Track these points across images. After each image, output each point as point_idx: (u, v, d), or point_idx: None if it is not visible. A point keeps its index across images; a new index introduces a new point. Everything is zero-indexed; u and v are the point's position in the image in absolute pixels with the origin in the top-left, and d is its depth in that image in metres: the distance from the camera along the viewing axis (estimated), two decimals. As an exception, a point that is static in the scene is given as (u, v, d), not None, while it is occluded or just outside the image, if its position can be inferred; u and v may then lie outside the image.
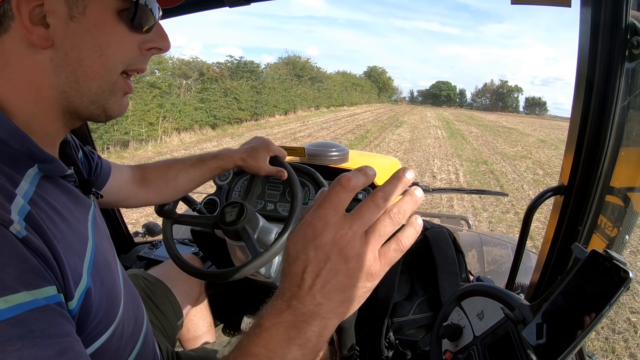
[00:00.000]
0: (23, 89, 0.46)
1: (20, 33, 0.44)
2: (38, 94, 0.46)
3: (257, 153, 0.96)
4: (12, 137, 0.43)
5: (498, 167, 8.88)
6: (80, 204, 0.53)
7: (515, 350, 0.66)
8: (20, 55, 0.45)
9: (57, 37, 0.45)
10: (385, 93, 64.79)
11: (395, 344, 1.21)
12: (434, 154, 10.33)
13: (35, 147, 0.45)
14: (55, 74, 0.46)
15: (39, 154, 0.45)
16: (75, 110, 0.50)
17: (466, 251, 1.76)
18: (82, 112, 0.51)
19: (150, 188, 0.94)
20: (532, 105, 75.98)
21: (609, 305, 0.52)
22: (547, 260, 0.82)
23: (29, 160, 0.45)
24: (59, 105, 0.48)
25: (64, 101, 0.48)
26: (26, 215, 0.39)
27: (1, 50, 0.45)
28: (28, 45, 0.44)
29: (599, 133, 0.68)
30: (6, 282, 0.33)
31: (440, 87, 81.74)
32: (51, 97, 0.47)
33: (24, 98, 0.46)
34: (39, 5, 0.43)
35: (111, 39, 0.48)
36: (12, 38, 0.44)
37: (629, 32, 0.61)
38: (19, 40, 0.44)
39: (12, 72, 0.45)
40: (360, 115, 23.64)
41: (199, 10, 1.10)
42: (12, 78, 0.45)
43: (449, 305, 0.86)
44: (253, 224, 1.00)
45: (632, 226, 0.73)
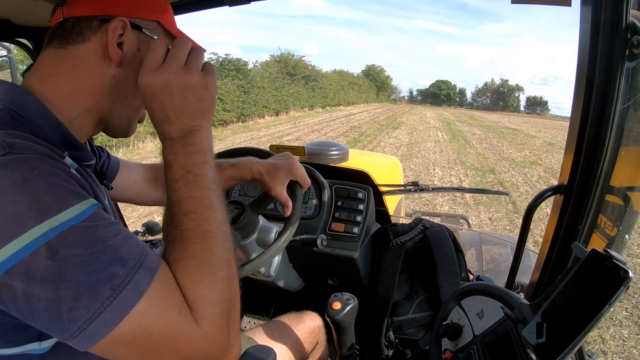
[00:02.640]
0: (80, 91, 0.55)
1: (96, 47, 0.55)
2: (91, 98, 0.56)
3: (276, 172, 0.89)
4: (49, 125, 0.52)
5: (507, 177, 8.05)
6: (99, 190, 0.59)
7: (515, 350, 0.67)
8: (89, 64, 0.55)
9: (125, 61, 0.56)
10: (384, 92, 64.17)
11: (395, 343, 1.22)
12: (435, 160, 9.50)
13: (69, 135, 0.54)
14: (112, 88, 0.57)
15: (72, 141, 0.54)
16: (109, 120, 0.60)
17: (465, 250, 1.76)
18: (114, 123, 0.61)
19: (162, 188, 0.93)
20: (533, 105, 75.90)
21: (609, 304, 0.52)
22: (547, 259, 0.82)
23: (62, 147, 0.53)
24: (102, 112, 0.59)
25: (107, 110, 0.59)
26: (76, 170, 0.51)
27: (75, 56, 0.55)
28: (100, 58, 0.55)
29: (599, 132, 0.68)
30: (81, 192, 0.45)
31: (440, 86, 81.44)
32: (99, 104, 0.57)
33: (76, 99, 0.55)
34: (121, 34, 0.55)
35: None
36: (87, 49, 0.55)
37: (629, 31, 0.61)
38: (94, 53, 0.55)
39: (77, 77, 0.55)
40: (357, 116, 22.97)
41: (200, 9, 1.10)
42: (74, 81, 0.55)
43: (448, 304, 0.86)
44: (247, 231, 0.97)
45: (632, 226, 0.73)
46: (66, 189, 0.43)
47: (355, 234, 1.21)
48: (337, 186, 1.28)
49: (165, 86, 0.52)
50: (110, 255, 0.41)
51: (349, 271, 1.25)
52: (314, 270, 1.36)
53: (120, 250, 0.42)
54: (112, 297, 0.40)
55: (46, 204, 0.40)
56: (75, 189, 0.44)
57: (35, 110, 0.51)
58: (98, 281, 0.40)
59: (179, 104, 0.52)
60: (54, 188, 0.42)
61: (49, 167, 0.44)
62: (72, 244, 0.40)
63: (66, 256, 0.39)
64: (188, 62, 0.54)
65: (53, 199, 0.41)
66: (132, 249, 0.44)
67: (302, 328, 1.09)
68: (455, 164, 9.12)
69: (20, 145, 0.44)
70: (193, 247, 0.49)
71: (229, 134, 13.10)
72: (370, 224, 1.29)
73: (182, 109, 0.52)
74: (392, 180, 2.15)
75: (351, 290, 1.02)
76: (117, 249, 0.42)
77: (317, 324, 1.15)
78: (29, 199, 0.40)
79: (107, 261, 0.41)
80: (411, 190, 1.77)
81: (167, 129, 0.53)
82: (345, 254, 1.18)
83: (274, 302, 1.63)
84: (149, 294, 0.42)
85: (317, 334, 1.14)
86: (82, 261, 0.40)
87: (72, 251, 0.40)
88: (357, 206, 1.24)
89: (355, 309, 0.95)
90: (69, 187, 0.44)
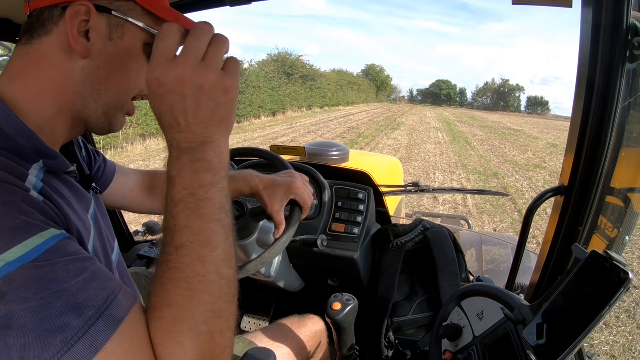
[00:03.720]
0: (47, 89, 0.50)
1: (60, 39, 0.49)
2: (59, 96, 0.50)
3: (275, 189, 0.85)
4: (19, 134, 0.46)
5: (511, 182, 7.61)
6: (81, 198, 0.56)
7: (515, 351, 0.67)
8: (54, 59, 0.49)
9: (94, 51, 0.50)
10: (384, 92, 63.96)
11: (395, 344, 1.22)
12: (435, 163, 9.06)
13: (41, 144, 0.48)
14: (82, 82, 0.51)
15: (44, 150, 0.48)
16: (85, 118, 0.54)
17: (465, 250, 1.76)
18: (91, 121, 0.55)
19: (158, 197, 0.91)
20: (534, 105, 75.85)
21: (609, 305, 0.52)
22: (547, 260, 0.82)
23: (34, 155, 0.47)
24: (74, 110, 0.52)
25: (80, 107, 0.52)
26: (39, 190, 0.44)
27: (38, 50, 0.49)
28: (65, 51, 0.49)
29: (599, 133, 0.68)
30: (36, 223, 0.39)
31: (440, 86, 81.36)
32: (70, 101, 0.51)
33: (45, 99, 0.50)
34: (86, 20, 0.48)
35: (135, 65, 0.54)
36: (50, 42, 0.49)
37: (629, 32, 0.61)
38: (57, 46, 0.49)
39: (42, 73, 0.49)
40: (355, 116, 22.45)
41: (200, 9, 1.10)
42: (39, 78, 0.49)
43: (448, 305, 0.86)
44: (244, 232, 0.97)
45: (632, 227, 0.73)
46: (14, 222, 0.37)
47: (355, 234, 1.21)
48: (338, 186, 1.28)
49: (177, 85, 0.43)
50: (65, 301, 0.36)
51: (349, 271, 1.25)
52: (314, 271, 1.36)
53: (79, 294, 0.37)
54: (62, 350, 0.35)
55: None
56: (28, 220, 0.38)
57: (2, 118, 0.46)
58: (48, 331, 0.35)
59: (190, 108, 0.44)
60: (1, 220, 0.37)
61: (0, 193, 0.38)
62: (20, 286, 0.35)
63: (13, 301, 0.34)
64: (207, 57, 0.45)
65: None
66: (94, 293, 0.38)
67: (304, 331, 1.09)
68: (457, 167, 8.77)
69: None
70: (174, 293, 0.42)
71: None
72: (371, 225, 1.29)
73: (194, 114, 0.44)
74: (392, 180, 2.15)
75: (351, 290, 1.02)
76: (76, 293, 0.37)
77: (319, 327, 1.14)
78: None
79: (60, 308, 0.36)
80: (411, 191, 1.77)
81: (175, 136, 0.45)
82: (345, 254, 1.18)
83: (274, 303, 1.63)
84: (106, 350, 0.37)
85: (319, 337, 1.14)
86: (32, 307, 0.35)
87: (19, 294, 0.35)
88: (358, 206, 1.24)
89: (355, 310, 0.95)
90: (19, 218, 0.38)
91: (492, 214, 5.42)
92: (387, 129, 16.47)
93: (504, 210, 5.62)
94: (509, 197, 6.15)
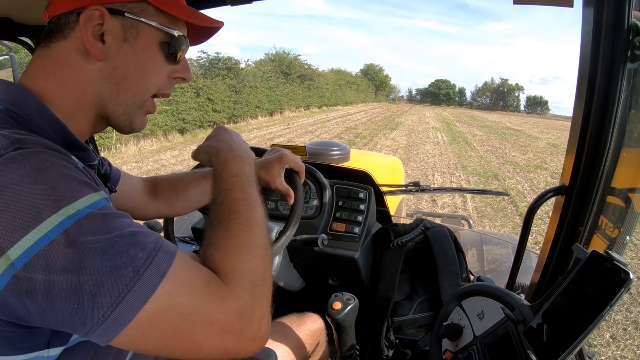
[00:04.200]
0: (69, 90, 0.53)
1: (77, 43, 0.52)
2: (81, 97, 0.54)
3: (270, 166, 0.92)
4: (50, 125, 0.50)
5: (512, 183, 7.49)
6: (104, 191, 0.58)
7: (515, 351, 0.67)
8: (73, 61, 0.53)
9: (110, 53, 0.53)
10: (383, 92, 63.41)
11: (396, 343, 1.22)
12: (434, 165, 8.94)
13: (70, 136, 0.52)
14: (100, 83, 0.54)
15: (74, 142, 0.53)
16: (106, 116, 0.58)
17: (466, 250, 1.76)
18: (112, 120, 0.59)
19: (161, 199, 0.93)
20: (533, 105, 75.74)
21: (610, 305, 0.52)
22: (547, 260, 0.82)
23: (64, 147, 0.50)
24: (96, 109, 0.56)
25: (100, 107, 0.56)
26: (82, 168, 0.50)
27: (57, 54, 0.53)
28: (83, 54, 0.52)
29: (600, 134, 0.68)
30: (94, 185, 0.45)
31: (439, 86, 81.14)
32: (91, 102, 0.55)
33: (68, 98, 0.53)
34: (100, 24, 0.52)
35: (152, 64, 0.57)
36: (68, 46, 0.52)
37: (631, 32, 0.61)
38: (75, 49, 0.52)
39: (63, 75, 0.53)
40: (354, 116, 22.28)
41: (202, 8, 1.10)
42: (62, 80, 0.53)
43: (449, 304, 0.86)
44: None
45: (633, 227, 0.73)
46: (79, 179, 0.43)
47: (356, 234, 1.21)
48: (338, 186, 1.28)
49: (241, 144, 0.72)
50: (129, 240, 0.41)
51: (350, 271, 1.25)
52: (314, 270, 1.36)
53: (137, 236, 0.43)
54: (135, 278, 0.40)
55: (61, 192, 0.40)
56: (87, 180, 0.44)
57: (35, 109, 0.50)
58: (119, 264, 0.40)
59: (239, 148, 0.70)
60: (67, 178, 0.42)
61: (59, 160, 0.44)
62: (90, 230, 0.40)
63: (85, 243, 0.39)
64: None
65: (68, 187, 0.41)
66: (148, 235, 0.44)
67: (303, 330, 1.09)
68: (456, 169, 8.66)
69: (29, 140, 0.43)
70: (237, 228, 0.53)
71: None
72: (371, 224, 1.29)
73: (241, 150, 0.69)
74: (393, 180, 2.15)
75: (352, 290, 1.03)
76: (134, 235, 0.43)
77: (318, 325, 1.15)
78: (43, 188, 0.39)
79: (126, 245, 0.41)
80: (412, 191, 1.77)
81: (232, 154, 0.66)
82: (346, 253, 1.18)
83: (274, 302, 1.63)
84: (173, 272, 0.42)
85: (318, 335, 1.14)
86: (102, 246, 0.39)
87: (91, 237, 0.39)
88: (358, 206, 1.24)
89: (356, 309, 0.95)
90: (81, 177, 0.44)
91: (493, 218, 5.34)
92: (386, 129, 16.30)
93: (505, 214, 5.53)
94: (510, 200, 6.06)
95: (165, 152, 9.34)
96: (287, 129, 14.66)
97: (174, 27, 0.57)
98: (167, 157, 8.77)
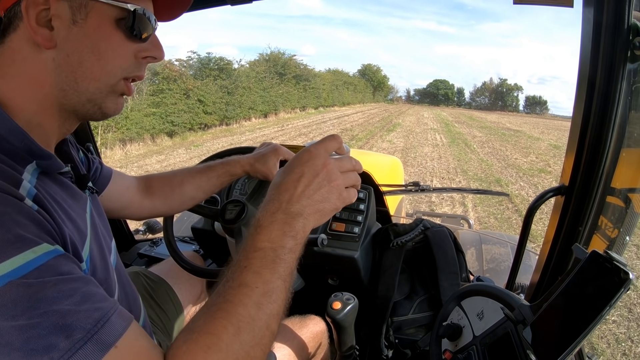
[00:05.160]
0: (26, 86, 0.49)
1: (27, 33, 0.47)
2: (39, 92, 0.49)
3: (265, 158, 0.93)
4: (12, 135, 0.46)
5: (516, 189, 7.02)
6: (77, 198, 0.55)
7: (515, 351, 0.67)
8: (25, 54, 0.48)
9: (60, 39, 0.48)
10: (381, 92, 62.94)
11: (395, 343, 1.22)
12: (433, 169, 8.49)
13: (33, 144, 0.47)
14: (56, 73, 0.49)
15: (38, 151, 0.48)
16: (72, 109, 0.52)
17: (466, 250, 1.76)
18: (79, 110, 0.53)
19: (156, 196, 0.92)
20: (532, 105, 75.71)
21: (609, 306, 0.52)
22: (547, 260, 0.82)
23: (27, 156, 0.47)
24: (57, 103, 0.51)
25: (62, 99, 0.51)
26: (34, 197, 0.43)
27: (9, 48, 0.48)
28: (33, 45, 0.48)
29: (600, 134, 0.68)
30: (30, 237, 0.38)
31: (437, 86, 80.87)
32: (51, 95, 0.50)
33: (26, 95, 0.49)
34: (46, 9, 0.47)
35: (109, 45, 0.51)
36: (19, 38, 0.48)
37: (631, 33, 0.61)
38: (26, 41, 0.48)
39: (17, 70, 0.48)
40: (350, 117, 21.79)
41: (201, 8, 1.09)
42: (16, 75, 0.48)
43: (449, 304, 0.86)
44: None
45: (633, 227, 0.73)
46: (6, 236, 0.36)
47: (355, 233, 1.21)
48: None
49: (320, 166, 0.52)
50: (54, 322, 0.35)
51: (350, 271, 1.25)
52: (314, 270, 1.36)
53: (69, 316, 0.36)
54: None
55: None
56: (21, 234, 0.37)
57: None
58: (34, 351, 0.34)
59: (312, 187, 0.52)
60: None
61: None
62: (7, 304, 0.34)
63: (0, 318, 0.34)
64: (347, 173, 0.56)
65: None
66: (85, 316, 0.37)
67: (305, 332, 1.09)
68: (456, 174, 8.20)
69: None
70: (220, 324, 0.42)
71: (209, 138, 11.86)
72: (371, 224, 1.29)
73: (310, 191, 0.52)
74: (393, 180, 2.15)
75: (351, 290, 1.02)
76: (65, 314, 0.36)
77: (320, 328, 1.14)
78: None
79: (48, 328, 0.35)
80: (412, 191, 1.77)
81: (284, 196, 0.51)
82: (345, 253, 1.18)
83: None
84: None
85: (320, 338, 1.13)
86: (19, 325, 0.34)
87: (7, 312, 0.34)
88: (358, 206, 1.24)
89: (356, 309, 0.95)
90: (12, 231, 0.37)
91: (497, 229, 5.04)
92: (383, 130, 15.89)
93: (510, 224, 5.24)
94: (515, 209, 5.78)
95: (152, 157, 8.94)
96: (281, 131, 14.25)
97: (129, 1, 0.51)
98: (152, 162, 8.41)
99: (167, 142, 10.81)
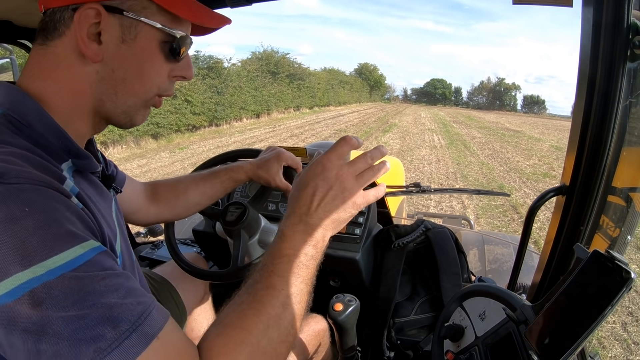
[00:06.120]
0: (67, 91, 0.51)
1: (73, 42, 0.49)
2: (78, 98, 0.51)
3: (268, 164, 0.93)
4: (51, 132, 0.47)
5: (520, 197, 6.59)
6: (105, 197, 0.57)
7: (517, 351, 0.66)
8: (70, 62, 0.50)
9: (108, 55, 0.50)
10: (377, 91, 62.55)
11: (397, 345, 1.21)
12: (431, 173, 8.11)
13: (71, 143, 0.49)
14: (97, 85, 0.51)
15: (75, 150, 0.50)
16: (105, 116, 0.55)
17: (468, 250, 1.75)
18: (112, 118, 0.56)
19: (161, 202, 0.94)
20: (530, 104, 75.58)
21: (611, 305, 0.52)
22: (549, 260, 0.82)
23: (64, 154, 0.49)
24: (93, 109, 0.54)
25: (98, 107, 0.54)
26: (77, 195, 0.45)
27: (53, 53, 0.50)
28: (79, 55, 0.49)
29: (601, 133, 0.68)
30: (79, 233, 0.39)
31: (435, 85, 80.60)
32: (89, 103, 0.53)
33: (65, 99, 0.51)
34: (96, 23, 0.48)
35: (152, 66, 0.54)
36: (65, 45, 0.49)
37: (630, 31, 0.61)
38: (71, 49, 0.49)
39: (60, 75, 0.50)
40: (346, 117, 21.30)
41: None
42: (59, 80, 0.50)
43: (450, 305, 0.86)
44: (252, 229, 0.99)
45: (634, 226, 0.73)
46: (59, 231, 0.38)
47: (357, 235, 1.21)
48: None
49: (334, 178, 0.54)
50: (101, 313, 0.37)
51: (351, 272, 1.25)
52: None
53: (115, 309, 0.38)
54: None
55: (33, 248, 0.36)
56: (71, 229, 0.39)
57: (34, 115, 0.47)
58: (82, 341, 0.35)
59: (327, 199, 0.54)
60: (44, 229, 0.37)
61: (44, 201, 0.39)
62: (58, 295, 0.36)
63: (51, 308, 0.35)
64: (363, 175, 0.56)
65: (41, 242, 0.36)
66: (130, 309, 0.39)
67: (306, 330, 1.09)
68: (456, 179, 7.85)
69: (14, 173, 0.39)
70: (252, 321, 0.46)
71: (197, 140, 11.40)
72: (372, 225, 1.29)
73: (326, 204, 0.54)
74: (393, 181, 2.15)
75: (353, 291, 1.02)
76: (112, 307, 0.38)
77: (321, 326, 1.14)
78: (14, 241, 0.36)
79: (96, 319, 0.36)
80: (413, 192, 1.77)
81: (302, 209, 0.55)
82: (347, 255, 1.18)
83: None
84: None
85: (321, 336, 1.13)
86: (68, 316, 0.35)
87: (58, 303, 0.35)
88: (359, 207, 1.24)
89: (357, 310, 0.95)
90: (64, 227, 0.39)
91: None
92: (378, 131, 15.39)
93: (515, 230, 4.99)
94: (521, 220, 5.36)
95: (133, 161, 8.53)
96: (272, 132, 13.77)
97: (177, 27, 0.54)
98: (132, 167, 8.02)
99: (151, 145, 10.39)
